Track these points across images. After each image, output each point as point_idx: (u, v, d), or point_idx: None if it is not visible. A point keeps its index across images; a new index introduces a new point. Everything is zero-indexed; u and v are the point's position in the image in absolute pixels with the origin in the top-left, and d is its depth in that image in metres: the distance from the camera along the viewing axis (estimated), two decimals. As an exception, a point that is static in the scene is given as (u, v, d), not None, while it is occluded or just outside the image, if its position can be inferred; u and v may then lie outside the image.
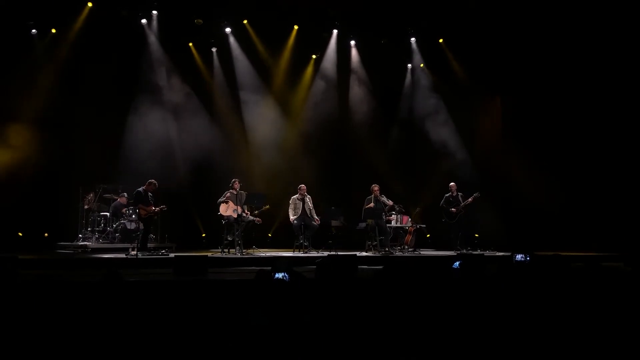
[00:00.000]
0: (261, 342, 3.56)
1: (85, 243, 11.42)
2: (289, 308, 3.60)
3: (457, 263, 5.62)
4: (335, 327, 3.94)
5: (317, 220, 11.52)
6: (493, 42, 13.44)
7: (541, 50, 13.17)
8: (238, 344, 3.83)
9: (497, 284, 3.72)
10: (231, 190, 11.03)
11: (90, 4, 12.17)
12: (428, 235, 13.52)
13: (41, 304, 5.36)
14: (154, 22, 12.83)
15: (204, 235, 13.25)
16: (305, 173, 13.37)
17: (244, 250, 10.88)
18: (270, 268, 5.18)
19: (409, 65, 14.87)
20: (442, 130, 14.28)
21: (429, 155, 14.40)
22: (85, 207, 12.06)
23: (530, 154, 13.28)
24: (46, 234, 12.27)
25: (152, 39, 12.88)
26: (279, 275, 3.52)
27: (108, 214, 12.00)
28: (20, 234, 12.05)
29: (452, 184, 12.47)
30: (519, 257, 4.52)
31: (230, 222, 10.91)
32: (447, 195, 12.37)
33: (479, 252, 11.81)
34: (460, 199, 12.24)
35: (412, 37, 14.31)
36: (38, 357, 3.98)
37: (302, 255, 10.79)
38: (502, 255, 11.38)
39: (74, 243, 11.63)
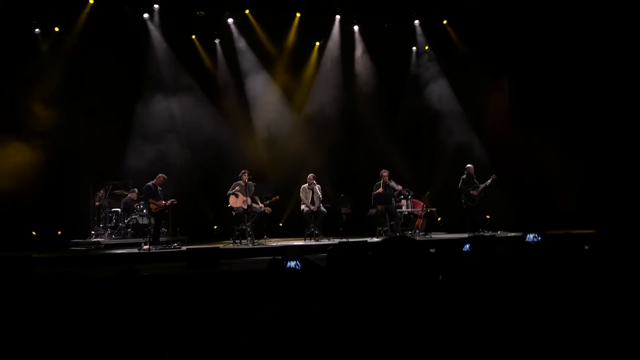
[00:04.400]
0: (273, 333, 3.59)
1: (98, 239, 11.52)
2: (301, 297, 3.61)
3: (467, 245, 5.57)
4: (347, 316, 3.96)
5: (314, 207, 11.50)
6: (498, 23, 13.29)
7: (547, 28, 13.01)
8: (251, 335, 3.86)
9: (508, 266, 3.70)
10: (240, 182, 11.06)
11: (92, 1, 12.16)
12: (439, 219, 13.50)
13: (56, 302, 5.43)
14: (156, 16, 12.81)
15: (215, 227, 13.31)
16: (313, 160, 13.40)
17: (255, 241, 10.93)
18: (281, 257, 5.20)
19: (414, 48, 14.74)
20: (449, 112, 14.20)
21: (437, 138, 14.32)
22: (97, 203, 12.15)
23: (539, 133, 13.16)
24: (59, 232, 12.38)
25: (155, 33, 12.87)
26: (291, 264, 3.52)
27: (119, 209, 12.09)
28: (33, 233, 12.17)
29: (469, 165, 12.28)
30: (530, 237, 4.46)
31: (240, 213, 10.95)
32: (463, 177, 12.18)
33: (490, 233, 11.80)
34: (476, 181, 12.14)
35: (416, 19, 14.19)
36: (53, 355, 4.04)
37: (314, 243, 10.83)
38: (514, 236, 11.36)
39: (87, 240, 11.73)
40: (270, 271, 3.56)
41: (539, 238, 4.65)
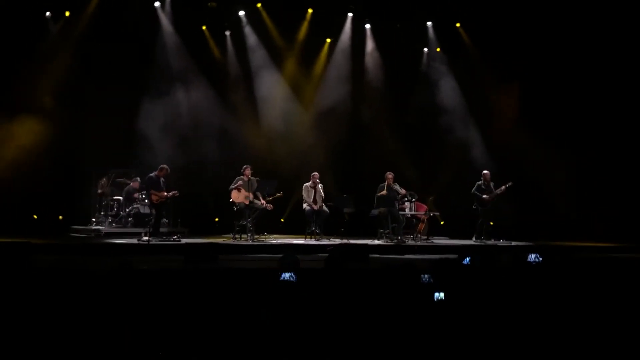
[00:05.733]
0: (268, 338, 3.53)
1: (98, 227, 11.50)
2: (295, 310, 3.55)
3: (467, 259, 5.51)
4: (342, 324, 3.90)
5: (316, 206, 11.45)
6: (511, 27, 13.18)
7: (559, 34, 12.93)
8: (245, 337, 3.81)
9: (509, 288, 3.62)
10: (242, 177, 11.01)
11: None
12: (442, 222, 13.39)
13: (52, 292, 5.40)
14: (167, 5, 12.72)
15: (217, 219, 13.27)
16: (318, 158, 13.34)
17: (255, 237, 10.89)
18: (278, 261, 5.13)
19: (425, 49, 14.61)
20: (457, 117, 14.11)
21: (444, 141, 14.25)
22: (99, 191, 12.11)
23: (549, 140, 13.08)
24: (60, 217, 12.37)
25: (165, 22, 12.79)
26: (286, 276, 3.46)
27: (121, 198, 12.06)
28: (35, 217, 12.17)
29: (485, 171, 12.25)
30: (531, 257, 4.41)
31: (242, 208, 10.91)
32: (479, 182, 12.16)
33: (492, 242, 11.75)
34: (492, 187, 12.09)
35: (429, 21, 14.06)
36: (46, 346, 4.00)
37: (314, 242, 10.79)
38: (516, 246, 11.32)
39: (88, 227, 11.71)
40: (263, 286, 3.52)
41: (540, 259, 4.62)
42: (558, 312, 3.54)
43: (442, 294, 3.33)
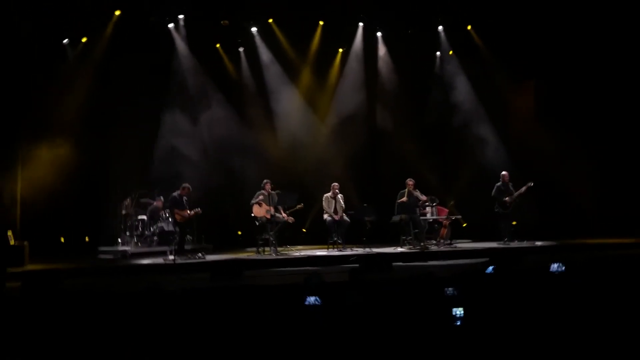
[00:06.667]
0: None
1: (124, 248, 11.67)
2: (320, 331, 3.62)
3: (490, 268, 5.54)
4: (365, 341, 3.97)
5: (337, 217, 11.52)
6: (521, 26, 13.17)
7: (574, 32, 12.86)
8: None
9: (531, 309, 3.65)
10: (263, 192, 11.14)
11: (118, 12, 12.33)
12: (464, 225, 13.37)
13: (83, 316, 5.54)
14: (181, 26, 12.93)
15: (240, 233, 13.39)
16: (338, 168, 13.45)
17: (278, 250, 11.00)
18: (303, 281, 5.21)
19: (438, 53, 14.63)
20: (474, 118, 14.11)
21: (462, 143, 14.26)
22: (123, 212, 12.31)
23: (566, 138, 13.04)
24: (87, 239, 12.60)
25: (180, 42, 12.98)
26: (311, 300, 3.53)
27: (145, 217, 12.25)
28: (62, 239, 12.41)
29: (504, 172, 12.27)
30: (554, 267, 4.43)
31: (264, 222, 11.03)
32: (498, 184, 12.16)
33: (516, 243, 11.73)
34: (511, 188, 12.07)
35: (440, 25, 14.08)
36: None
37: (337, 253, 10.86)
38: (540, 246, 11.33)
39: (114, 248, 11.90)
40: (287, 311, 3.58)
41: (563, 268, 4.64)
42: (582, 324, 3.57)
43: (461, 310, 3.36)
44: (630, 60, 12.54)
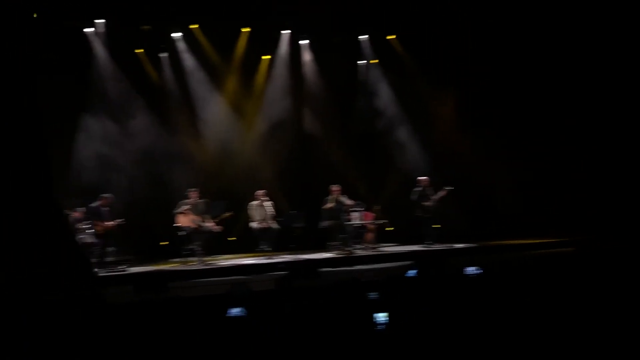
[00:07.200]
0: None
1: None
2: (246, 347, 3.58)
3: (412, 271, 5.66)
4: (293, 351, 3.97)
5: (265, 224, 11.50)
6: (443, 36, 13.71)
7: (490, 41, 13.54)
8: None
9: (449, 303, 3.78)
10: (188, 201, 10.93)
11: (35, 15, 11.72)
12: (392, 229, 13.60)
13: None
14: (100, 31, 12.45)
15: (165, 243, 13.05)
16: (266, 173, 13.40)
17: (204, 260, 10.82)
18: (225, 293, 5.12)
19: (361, 62, 14.91)
20: (397, 125, 14.50)
21: (386, 150, 14.59)
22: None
23: (486, 143, 13.67)
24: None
25: (99, 48, 12.51)
26: (234, 311, 3.47)
27: (64, 230, 11.71)
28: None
29: (421, 178, 12.61)
30: (470, 269, 4.60)
31: (190, 232, 10.82)
32: (418, 189, 12.47)
33: (438, 246, 12.11)
34: (431, 192, 12.41)
35: (363, 34, 14.37)
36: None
37: (265, 261, 10.82)
38: (463, 248, 11.78)
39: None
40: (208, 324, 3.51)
41: (480, 270, 4.82)
42: (499, 323, 3.72)
43: (384, 314, 3.39)
44: (547, 67, 13.32)
